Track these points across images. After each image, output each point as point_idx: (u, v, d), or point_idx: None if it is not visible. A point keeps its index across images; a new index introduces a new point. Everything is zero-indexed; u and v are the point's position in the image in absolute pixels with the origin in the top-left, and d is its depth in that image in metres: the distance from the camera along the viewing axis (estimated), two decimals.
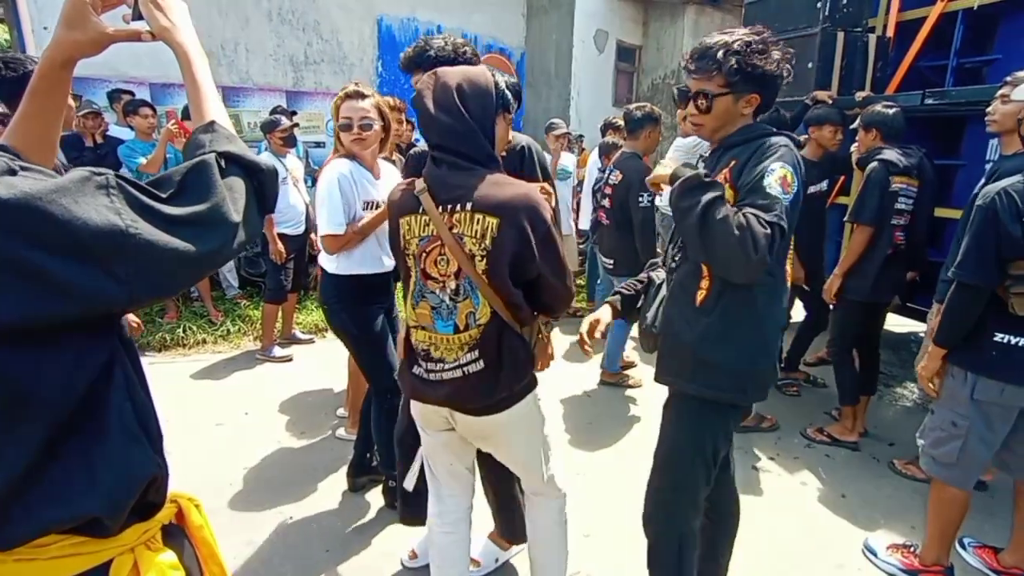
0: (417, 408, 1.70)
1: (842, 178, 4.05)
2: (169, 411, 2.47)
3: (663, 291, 1.77)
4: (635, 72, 8.74)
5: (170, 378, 3.93)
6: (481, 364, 1.52)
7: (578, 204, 5.78)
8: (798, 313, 4.13)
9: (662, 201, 4.70)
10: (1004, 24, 3.74)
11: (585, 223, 5.18)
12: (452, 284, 1.50)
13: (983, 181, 2.54)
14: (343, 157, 2.42)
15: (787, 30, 4.13)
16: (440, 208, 1.46)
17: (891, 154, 3.03)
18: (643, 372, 4.23)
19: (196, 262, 0.80)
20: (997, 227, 1.89)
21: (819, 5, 3.89)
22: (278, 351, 4.37)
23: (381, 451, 2.60)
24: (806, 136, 3.70)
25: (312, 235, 4.41)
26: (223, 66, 5.90)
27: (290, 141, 4.26)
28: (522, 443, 1.70)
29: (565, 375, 4.17)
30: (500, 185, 1.46)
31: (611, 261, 3.87)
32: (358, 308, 2.47)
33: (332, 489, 2.78)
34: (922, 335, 4.80)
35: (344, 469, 2.81)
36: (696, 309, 1.59)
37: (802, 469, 3.07)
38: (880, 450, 3.23)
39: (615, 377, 4.04)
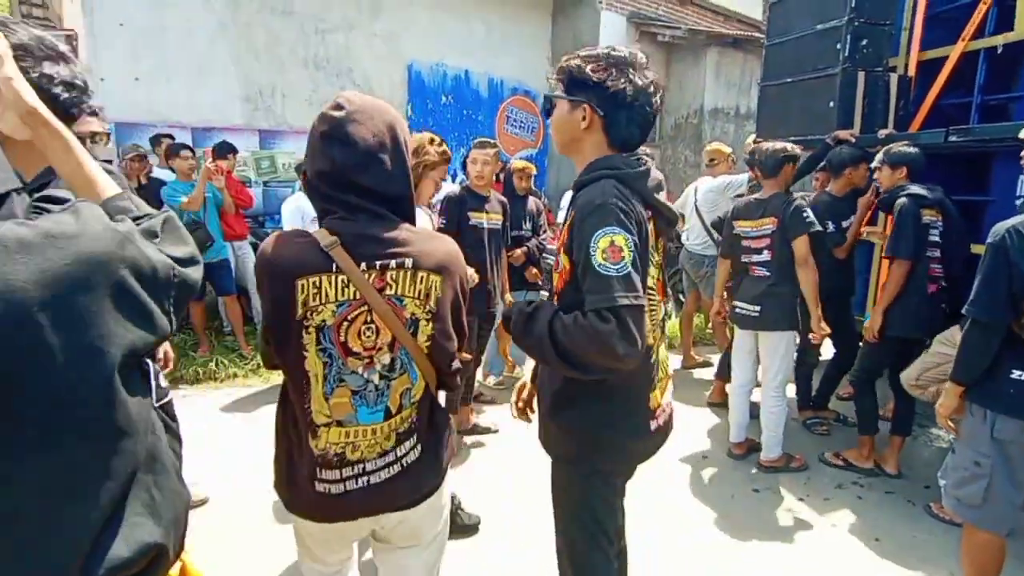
0: (322, 534, 1.35)
1: (868, 214, 4.05)
2: (202, 443, 2.54)
3: None
4: (657, 112, 8.88)
5: (202, 410, 4.03)
6: (419, 450, 1.31)
7: None
8: (828, 351, 4.07)
9: (687, 239, 4.75)
10: None
11: None
12: (385, 359, 1.24)
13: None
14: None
15: (807, 70, 4.21)
16: (363, 266, 1.18)
17: (917, 188, 3.07)
18: None
19: (195, 293, 0.93)
20: (1009, 264, 1.89)
21: (839, 46, 3.96)
22: None
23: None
24: (822, 174, 3.77)
25: None
26: (260, 111, 6.18)
27: None
28: (436, 535, 1.45)
29: None
30: (433, 239, 1.29)
31: None
32: None
33: None
34: None
35: None
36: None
37: (833, 510, 2.99)
38: (915, 492, 3.14)
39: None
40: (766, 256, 3.18)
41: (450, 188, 4.13)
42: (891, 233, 3.12)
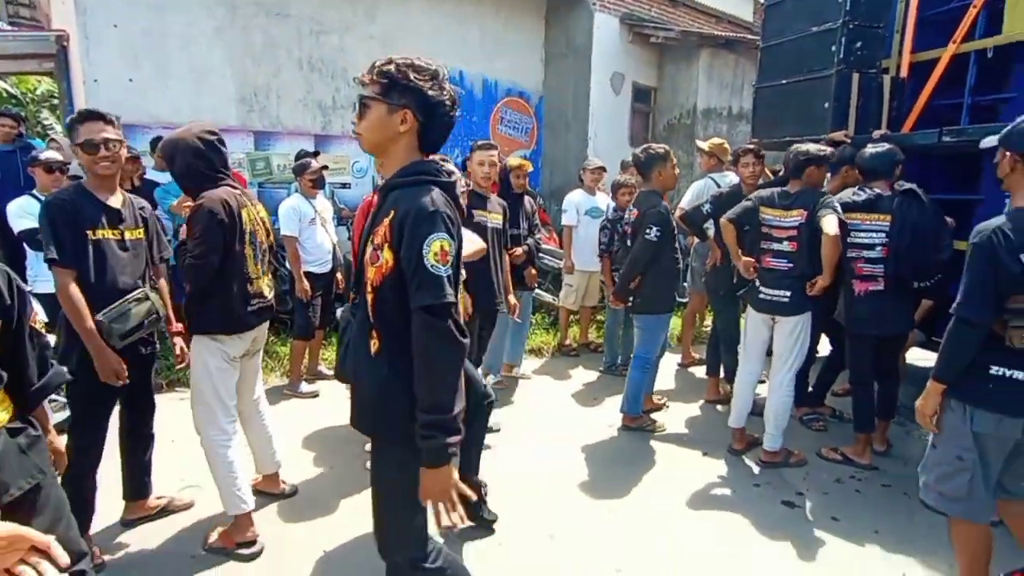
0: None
1: None
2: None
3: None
4: (651, 112, 8.93)
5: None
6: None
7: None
8: (824, 347, 4.13)
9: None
10: (1019, 62, 3.83)
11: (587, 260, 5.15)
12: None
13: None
14: None
15: (802, 72, 4.27)
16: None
17: (845, 193, 3.31)
18: (670, 415, 4.24)
19: None
20: (996, 265, 1.94)
21: (833, 48, 4.03)
22: (305, 387, 4.44)
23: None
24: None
25: (338, 274, 4.53)
26: (255, 112, 6.16)
27: (319, 183, 4.41)
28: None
29: (578, 419, 4.18)
30: None
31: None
32: None
33: (366, 522, 2.81)
34: None
35: None
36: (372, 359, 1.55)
37: (832, 504, 3.04)
38: (911, 485, 3.14)
39: (637, 421, 3.90)
40: (787, 247, 3.25)
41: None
42: None
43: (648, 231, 3.50)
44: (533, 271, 4.40)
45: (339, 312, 2.55)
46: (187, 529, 2.71)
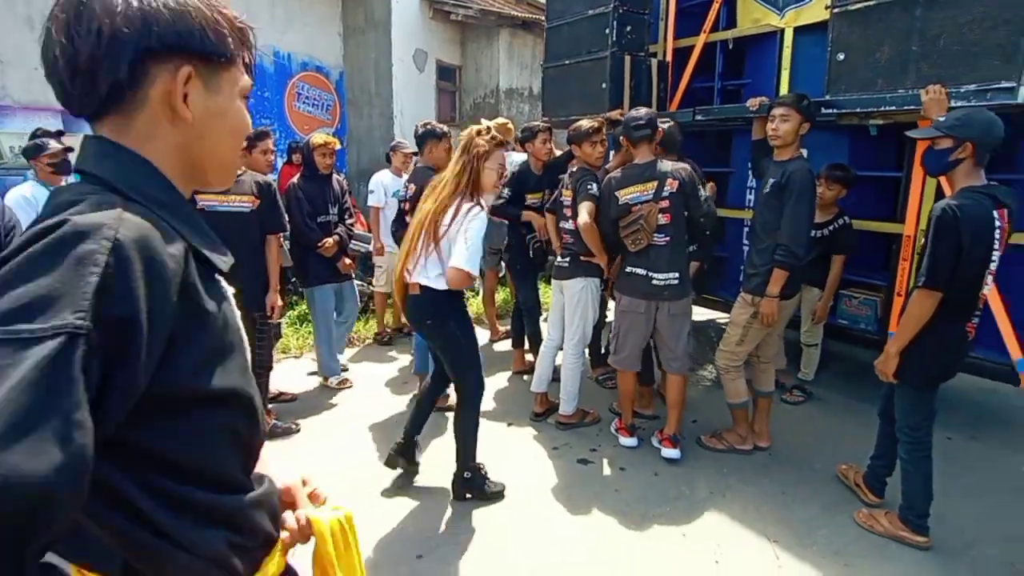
0: None
1: None
2: None
3: None
4: (456, 91, 8.94)
5: None
6: None
7: None
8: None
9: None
10: (751, 54, 4.40)
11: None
12: None
13: None
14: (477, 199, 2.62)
15: (582, 53, 4.50)
16: None
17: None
18: None
19: None
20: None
21: (607, 31, 4.28)
22: None
23: (471, 445, 2.87)
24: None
25: None
26: None
27: (63, 167, 3.68)
28: None
29: (393, 406, 4.09)
30: None
31: None
32: (462, 316, 2.76)
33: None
34: (721, 323, 5.42)
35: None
36: None
37: (622, 455, 3.31)
38: (686, 428, 3.57)
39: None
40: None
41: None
42: None
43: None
44: (348, 260, 4.12)
45: None
46: None
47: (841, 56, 3.12)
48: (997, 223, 2.24)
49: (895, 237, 3.50)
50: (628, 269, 3.23)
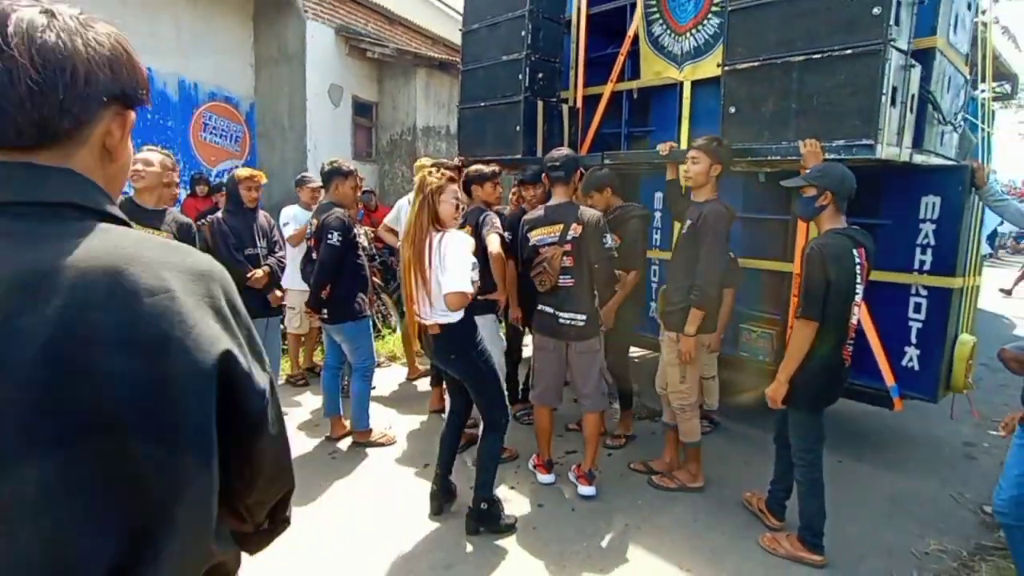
0: None
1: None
2: None
3: None
4: (373, 127, 8.93)
5: None
6: None
7: None
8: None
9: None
10: (654, 103, 4.71)
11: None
12: None
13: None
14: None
15: (497, 97, 4.65)
16: None
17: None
18: (397, 427, 4.19)
19: None
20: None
21: (520, 77, 4.46)
22: None
23: (492, 473, 2.93)
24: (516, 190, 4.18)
25: None
26: None
27: None
28: None
29: (301, 446, 3.92)
30: None
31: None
32: (481, 347, 2.87)
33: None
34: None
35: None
36: None
37: (538, 492, 3.32)
38: (610, 458, 3.65)
39: (366, 436, 3.86)
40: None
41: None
42: None
43: (330, 236, 3.52)
44: (278, 293, 4.03)
45: None
46: None
47: (732, 109, 3.40)
48: (857, 260, 2.52)
49: (787, 274, 3.80)
50: (539, 306, 3.29)
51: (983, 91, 4.52)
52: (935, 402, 3.43)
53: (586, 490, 3.27)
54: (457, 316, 2.75)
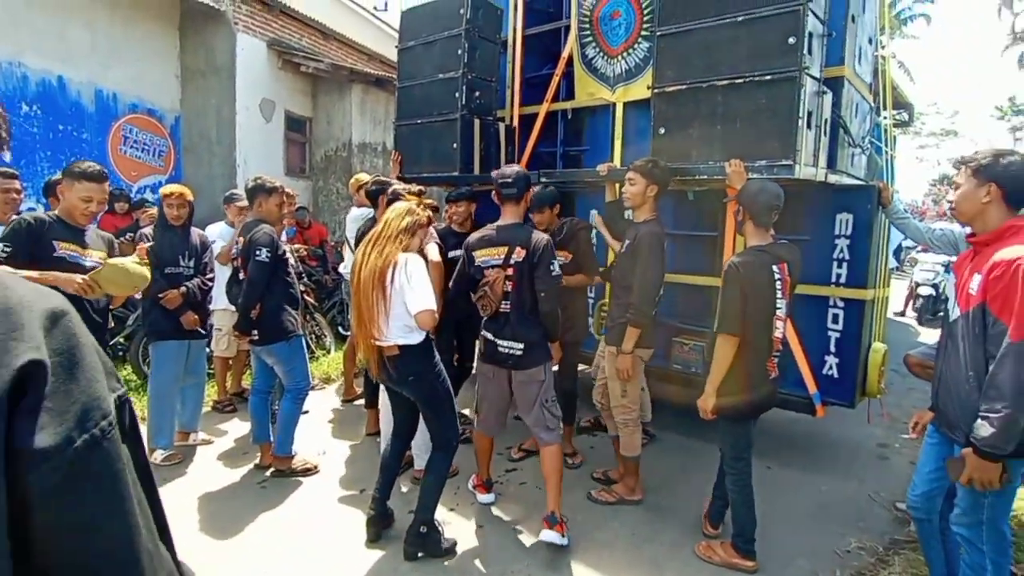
0: None
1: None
2: None
3: None
4: (307, 143, 8.73)
5: None
6: None
7: None
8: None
9: (345, 268, 4.71)
10: (589, 124, 4.83)
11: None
12: None
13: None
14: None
15: (434, 114, 4.64)
16: None
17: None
18: (331, 451, 4.06)
19: None
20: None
21: (457, 95, 4.47)
22: None
23: (436, 496, 2.86)
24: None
25: None
26: None
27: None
28: None
29: (226, 475, 3.73)
30: None
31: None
32: (439, 368, 2.85)
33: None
34: None
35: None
36: None
37: (479, 513, 3.28)
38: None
39: (286, 463, 3.67)
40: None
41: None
42: None
43: (258, 252, 3.40)
44: (192, 316, 3.79)
45: None
46: None
47: (662, 130, 3.53)
48: (777, 275, 2.64)
49: (716, 288, 3.94)
50: (482, 332, 3.10)
51: (885, 117, 4.89)
52: (853, 407, 3.63)
53: (550, 536, 2.88)
54: (417, 338, 2.73)
